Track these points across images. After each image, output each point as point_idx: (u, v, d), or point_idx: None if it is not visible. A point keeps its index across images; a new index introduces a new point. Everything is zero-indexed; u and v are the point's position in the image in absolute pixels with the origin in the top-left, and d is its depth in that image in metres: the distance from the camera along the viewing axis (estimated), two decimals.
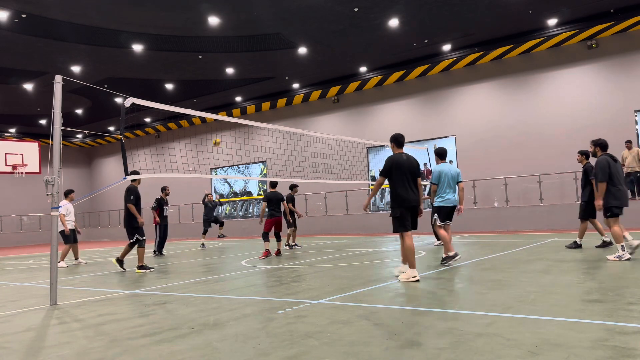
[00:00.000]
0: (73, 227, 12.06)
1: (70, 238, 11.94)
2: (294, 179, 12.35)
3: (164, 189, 13.46)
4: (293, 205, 12.92)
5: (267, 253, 10.79)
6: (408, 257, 6.33)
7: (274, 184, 11.60)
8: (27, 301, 6.50)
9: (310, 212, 22.03)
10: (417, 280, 6.16)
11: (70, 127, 26.83)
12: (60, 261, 11.84)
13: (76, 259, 12.25)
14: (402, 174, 6.37)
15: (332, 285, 6.41)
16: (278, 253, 11.22)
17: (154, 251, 13.38)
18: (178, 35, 16.05)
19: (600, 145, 7.84)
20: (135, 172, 9.47)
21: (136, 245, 9.56)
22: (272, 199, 11.19)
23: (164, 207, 13.44)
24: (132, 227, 9.50)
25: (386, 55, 19.01)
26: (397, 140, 6.62)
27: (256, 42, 16.90)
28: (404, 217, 6.35)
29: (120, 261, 9.81)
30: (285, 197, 12.19)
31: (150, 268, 9.50)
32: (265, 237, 11.09)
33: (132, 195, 9.53)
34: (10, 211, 29.44)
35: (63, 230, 11.63)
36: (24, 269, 11.56)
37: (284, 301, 5.40)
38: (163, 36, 16.04)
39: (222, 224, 16.43)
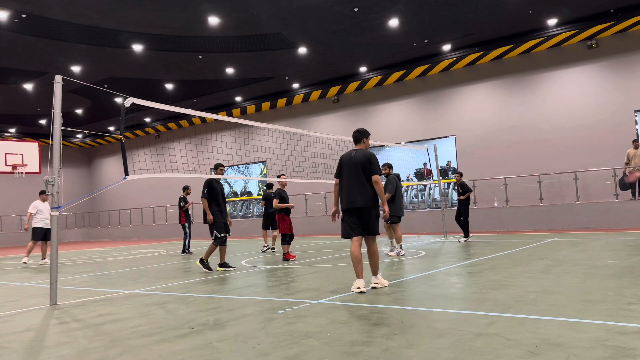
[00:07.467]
0: (48, 226, 12.24)
1: (38, 235, 12.29)
2: (294, 179, 12.33)
3: (185, 189, 13.56)
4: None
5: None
6: (353, 266, 5.80)
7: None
8: (27, 301, 6.50)
9: (310, 212, 22.03)
10: (362, 292, 5.62)
11: (70, 127, 26.84)
12: (25, 256, 12.61)
13: (43, 258, 12.46)
14: (347, 172, 5.88)
15: (332, 285, 6.41)
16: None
17: (182, 250, 13.49)
18: (178, 35, 16.05)
19: None
20: (219, 165, 9.03)
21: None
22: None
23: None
24: (208, 223, 8.74)
25: (386, 55, 19.00)
26: (352, 136, 6.12)
27: (256, 42, 16.90)
28: (346, 221, 5.86)
29: (203, 261, 8.78)
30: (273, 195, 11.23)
31: (209, 269, 8.72)
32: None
33: (206, 188, 8.70)
34: (10, 211, 29.43)
35: (34, 227, 12.32)
36: (24, 269, 11.56)
37: (284, 301, 5.40)
38: (163, 36, 16.04)
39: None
